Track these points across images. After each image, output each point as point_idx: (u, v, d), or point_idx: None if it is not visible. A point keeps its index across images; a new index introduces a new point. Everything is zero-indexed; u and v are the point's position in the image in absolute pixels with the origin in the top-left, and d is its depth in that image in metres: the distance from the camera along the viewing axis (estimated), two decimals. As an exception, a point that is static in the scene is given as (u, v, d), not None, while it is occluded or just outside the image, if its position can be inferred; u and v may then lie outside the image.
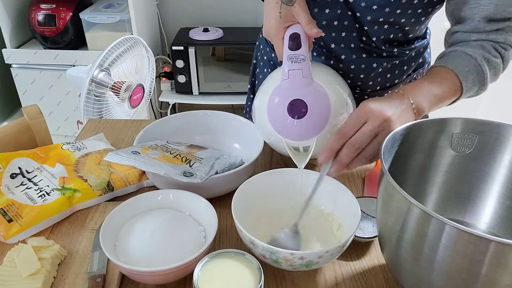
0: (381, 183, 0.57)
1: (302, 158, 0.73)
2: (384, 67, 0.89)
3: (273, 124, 0.74)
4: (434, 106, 0.72)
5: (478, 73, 0.74)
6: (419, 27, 0.86)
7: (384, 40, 0.85)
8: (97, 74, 1.41)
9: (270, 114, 0.75)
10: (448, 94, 0.73)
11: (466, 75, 0.73)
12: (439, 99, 0.72)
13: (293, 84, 0.72)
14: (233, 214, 0.63)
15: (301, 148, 0.75)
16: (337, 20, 0.84)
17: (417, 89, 0.71)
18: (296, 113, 0.71)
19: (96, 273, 0.63)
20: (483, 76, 0.74)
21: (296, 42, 0.71)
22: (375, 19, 0.81)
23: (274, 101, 0.74)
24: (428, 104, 0.71)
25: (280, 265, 0.60)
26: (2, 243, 0.69)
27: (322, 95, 0.72)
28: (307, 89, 0.72)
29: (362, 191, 0.82)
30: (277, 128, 0.74)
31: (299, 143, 0.74)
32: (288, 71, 0.71)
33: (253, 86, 1.12)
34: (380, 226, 0.60)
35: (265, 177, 0.73)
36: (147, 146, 0.79)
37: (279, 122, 0.74)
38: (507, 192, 0.64)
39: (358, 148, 0.66)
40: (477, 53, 0.74)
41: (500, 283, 0.46)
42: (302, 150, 0.75)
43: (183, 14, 2.37)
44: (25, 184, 0.76)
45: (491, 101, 2.19)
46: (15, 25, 2.10)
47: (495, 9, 0.73)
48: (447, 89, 0.73)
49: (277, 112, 0.73)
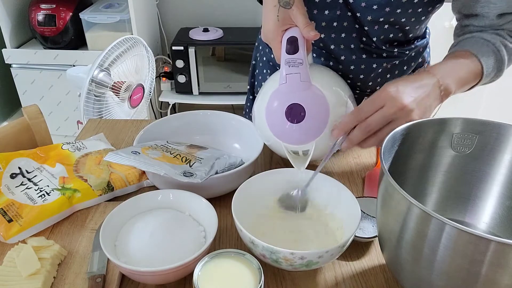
0: (381, 183, 0.57)
1: (301, 162, 0.73)
2: (383, 67, 0.89)
3: (271, 128, 0.74)
4: (459, 89, 0.72)
5: (496, 58, 0.74)
6: (419, 26, 0.86)
7: (384, 40, 0.85)
8: (97, 74, 1.41)
9: (269, 118, 0.74)
10: (471, 77, 0.73)
11: (487, 59, 0.73)
12: (464, 82, 0.72)
13: (290, 88, 0.71)
14: (233, 214, 0.63)
15: (300, 152, 0.75)
16: (337, 21, 0.84)
17: (445, 70, 0.70)
18: (294, 118, 0.71)
19: (96, 273, 0.63)
20: (501, 61, 0.75)
21: (293, 45, 0.70)
22: (376, 19, 0.81)
23: (272, 106, 0.73)
24: (455, 86, 0.70)
25: (280, 264, 0.60)
26: (2, 243, 0.69)
27: (320, 99, 0.72)
28: (305, 93, 0.71)
29: (362, 191, 0.82)
30: (276, 133, 0.74)
31: (298, 147, 0.74)
32: (286, 75, 0.71)
33: (252, 87, 1.12)
34: (380, 226, 0.60)
35: (265, 177, 0.73)
36: (147, 146, 0.79)
37: (278, 127, 0.73)
38: (507, 192, 0.64)
39: (369, 131, 0.66)
40: (495, 38, 0.74)
41: (500, 283, 0.46)
42: (302, 154, 0.75)
43: (183, 14, 2.37)
44: (25, 184, 0.76)
45: (491, 101, 2.19)
46: (15, 25, 2.10)
47: (507, 5, 0.74)
48: (470, 73, 0.72)
49: (275, 117, 0.73)
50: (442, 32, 0.84)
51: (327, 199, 0.72)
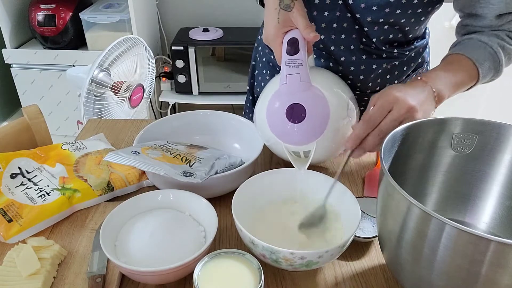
0: (381, 183, 0.57)
1: (302, 163, 0.73)
2: (383, 68, 0.90)
3: (272, 129, 0.74)
4: (453, 93, 0.74)
5: (494, 60, 0.76)
6: (418, 27, 0.86)
7: (384, 41, 0.85)
8: (97, 74, 1.41)
9: (270, 119, 0.74)
10: (466, 81, 0.75)
11: (483, 62, 0.75)
12: (458, 86, 0.74)
13: (291, 88, 0.72)
14: (233, 213, 0.63)
15: (301, 154, 0.75)
16: (336, 22, 0.84)
17: (438, 77, 0.72)
18: (295, 118, 0.71)
19: (96, 273, 0.63)
20: (498, 63, 0.76)
21: (294, 47, 0.71)
22: (375, 19, 0.81)
23: (273, 106, 0.74)
24: (448, 91, 0.72)
25: (280, 264, 0.60)
26: (2, 243, 0.69)
27: (321, 99, 0.72)
28: (306, 94, 0.72)
29: (362, 191, 0.82)
30: (277, 133, 0.74)
31: (299, 147, 0.74)
32: (286, 76, 0.71)
33: (252, 87, 1.12)
34: (380, 226, 0.60)
35: (265, 177, 0.73)
36: (147, 146, 0.79)
37: (279, 127, 0.73)
38: (507, 192, 0.64)
39: (383, 137, 0.67)
40: (492, 40, 0.76)
41: (500, 283, 0.46)
42: (303, 156, 0.75)
43: (183, 14, 2.37)
44: (25, 184, 0.76)
45: (491, 101, 2.19)
46: (15, 25, 2.10)
47: (506, 6, 0.75)
48: (465, 76, 0.75)
49: (276, 117, 0.73)
50: (442, 32, 0.85)
51: (327, 199, 0.71)
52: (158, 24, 2.37)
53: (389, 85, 0.92)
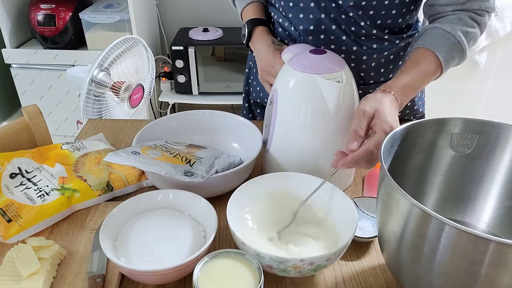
0: (381, 183, 0.56)
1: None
2: (385, 57, 0.92)
3: (301, 68, 0.75)
4: (415, 93, 0.80)
5: (457, 49, 0.80)
6: (406, 10, 0.89)
7: (372, 26, 0.88)
8: (96, 74, 1.41)
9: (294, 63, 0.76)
10: (429, 77, 0.80)
11: (446, 54, 0.79)
12: (419, 87, 0.79)
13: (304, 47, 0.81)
14: (229, 224, 0.63)
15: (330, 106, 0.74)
16: (324, 13, 0.87)
17: (401, 85, 0.75)
18: (318, 53, 0.77)
19: (96, 273, 0.63)
20: (461, 51, 0.80)
21: None
22: (357, 3, 0.84)
23: (297, 56, 0.78)
24: (409, 97, 0.77)
25: (288, 273, 0.59)
26: (2, 243, 0.69)
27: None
28: None
29: (362, 191, 0.82)
30: (306, 69, 0.74)
31: (330, 75, 0.73)
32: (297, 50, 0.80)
33: (248, 94, 1.13)
34: (380, 226, 0.59)
35: (264, 178, 0.73)
36: (147, 146, 0.79)
37: (307, 65, 0.75)
38: (507, 192, 0.64)
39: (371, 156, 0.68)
40: (455, 29, 0.80)
41: (500, 283, 0.46)
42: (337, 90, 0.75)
43: (183, 14, 2.36)
44: (24, 184, 0.76)
45: (491, 101, 2.19)
46: (15, 25, 2.10)
47: None
48: (428, 73, 0.79)
49: (303, 57, 0.77)
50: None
51: (324, 200, 0.71)
52: (158, 24, 2.37)
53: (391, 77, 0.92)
